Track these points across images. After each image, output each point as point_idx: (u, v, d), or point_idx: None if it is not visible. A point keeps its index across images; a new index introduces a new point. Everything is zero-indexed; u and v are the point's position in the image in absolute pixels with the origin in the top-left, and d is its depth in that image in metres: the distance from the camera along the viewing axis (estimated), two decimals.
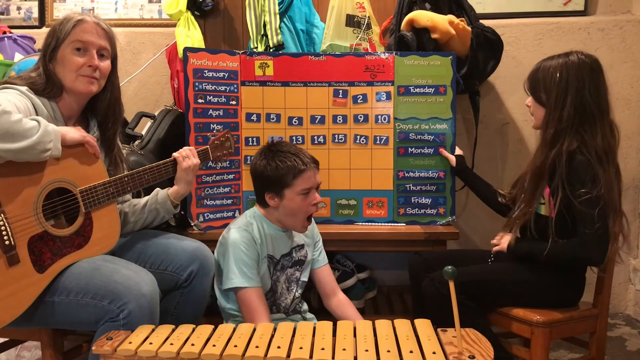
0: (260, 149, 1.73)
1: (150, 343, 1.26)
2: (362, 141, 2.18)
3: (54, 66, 1.54)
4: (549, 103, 1.67)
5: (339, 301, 1.82)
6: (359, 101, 2.18)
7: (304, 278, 1.80)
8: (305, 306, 1.82)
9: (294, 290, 1.77)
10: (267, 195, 1.68)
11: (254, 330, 1.35)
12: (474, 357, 1.19)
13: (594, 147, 1.61)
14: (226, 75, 2.14)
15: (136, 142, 2.11)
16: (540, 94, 1.70)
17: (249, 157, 2.13)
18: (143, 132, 2.15)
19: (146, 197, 1.72)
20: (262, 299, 1.63)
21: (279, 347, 1.24)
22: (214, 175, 2.11)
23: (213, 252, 1.72)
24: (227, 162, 2.11)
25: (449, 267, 1.30)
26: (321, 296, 1.84)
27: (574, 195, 1.59)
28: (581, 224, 1.59)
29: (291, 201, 1.66)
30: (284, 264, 1.74)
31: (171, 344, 1.26)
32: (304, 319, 1.78)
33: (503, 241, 1.78)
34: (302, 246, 1.79)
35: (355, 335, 1.32)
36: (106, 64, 1.59)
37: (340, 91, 2.18)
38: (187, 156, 1.71)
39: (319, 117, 2.19)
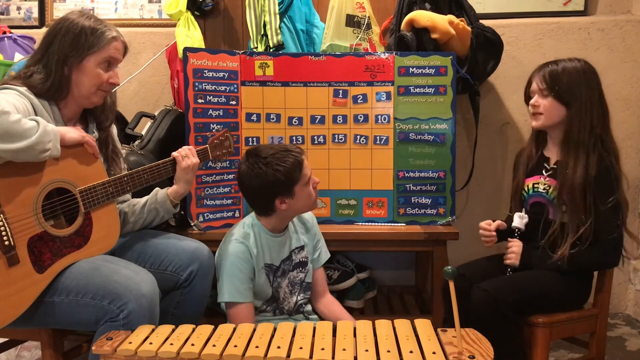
0: (249, 164, 1.64)
1: (150, 343, 1.26)
2: (362, 141, 2.18)
3: (71, 72, 1.53)
4: (575, 105, 1.69)
5: (327, 300, 1.83)
6: (359, 101, 2.18)
7: (309, 279, 1.79)
8: (309, 307, 1.81)
9: (297, 294, 1.76)
10: (278, 200, 1.63)
11: (254, 330, 1.35)
12: (474, 357, 1.19)
13: (612, 150, 1.68)
14: (226, 75, 2.14)
15: (136, 142, 2.11)
16: (563, 94, 1.71)
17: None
18: (143, 132, 2.15)
19: (146, 197, 1.72)
20: (250, 315, 1.63)
21: (279, 347, 1.24)
22: (214, 175, 2.11)
23: (213, 252, 1.72)
24: (227, 162, 2.11)
25: (449, 267, 1.31)
26: (311, 296, 1.84)
27: (602, 200, 1.62)
28: (604, 230, 1.63)
29: (301, 194, 1.65)
30: (284, 269, 1.73)
31: (171, 344, 1.26)
32: (307, 319, 1.77)
33: (513, 256, 1.72)
34: (302, 247, 1.78)
35: (355, 335, 1.32)
36: None
37: (340, 91, 2.18)
38: (186, 155, 1.71)
39: (319, 117, 2.19)
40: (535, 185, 1.78)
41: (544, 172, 1.79)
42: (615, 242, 1.64)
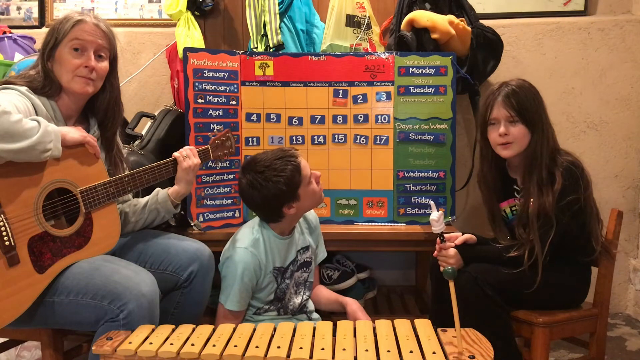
0: (248, 181, 1.63)
1: (150, 343, 1.26)
2: (362, 141, 2.18)
3: (52, 65, 1.55)
4: (538, 128, 1.68)
5: (316, 289, 1.89)
6: (359, 101, 2.18)
7: (311, 279, 1.80)
8: (311, 306, 1.82)
9: (302, 293, 1.77)
10: (286, 207, 1.63)
11: (254, 330, 1.35)
12: (474, 357, 1.19)
13: (571, 159, 1.67)
14: (226, 75, 2.14)
15: (136, 142, 2.11)
16: (530, 119, 1.68)
17: (249, 157, 2.13)
18: (143, 132, 2.15)
19: (146, 197, 1.72)
20: (238, 321, 1.65)
21: (279, 347, 1.24)
22: (214, 175, 2.11)
23: (213, 253, 1.72)
24: (227, 162, 2.11)
25: (449, 267, 1.32)
26: None
27: (558, 200, 1.61)
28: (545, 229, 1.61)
29: (306, 194, 1.65)
30: (292, 270, 1.73)
31: (171, 344, 1.26)
32: (310, 319, 1.78)
33: (452, 262, 1.66)
34: (307, 248, 1.79)
35: (355, 335, 1.32)
36: (104, 64, 1.58)
37: (340, 91, 2.18)
38: (187, 156, 1.71)
39: (319, 117, 2.19)
40: (513, 208, 1.79)
41: (515, 194, 1.78)
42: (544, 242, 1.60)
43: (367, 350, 1.23)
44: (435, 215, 1.60)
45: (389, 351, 1.22)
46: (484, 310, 1.57)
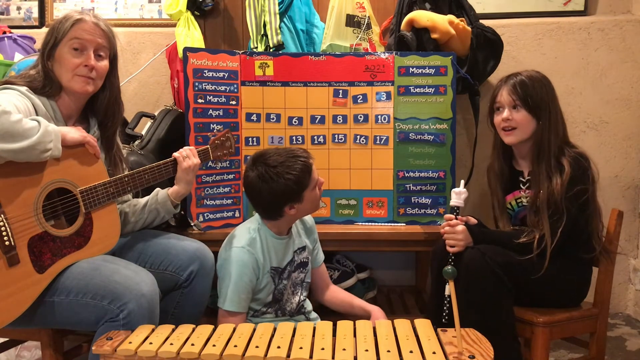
0: (259, 173, 1.60)
1: (150, 343, 1.26)
2: (362, 141, 2.18)
3: (52, 64, 1.55)
4: (545, 117, 1.70)
5: (331, 290, 1.88)
6: (359, 101, 2.18)
7: (308, 279, 1.80)
8: (309, 306, 1.81)
9: (299, 294, 1.77)
10: (288, 206, 1.63)
11: (254, 330, 1.35)
12: (474, 357, 1.19)
13: (579, 152, 1.69)
14: (226, 75, 2.14)
15: (136, 142, 2.11)
16: (535, 106, 1.70)
17: (249, 157, 2.13)
18: (143, 132, 2.16)
19: (146, 197, 1.72)
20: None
21: (279, 347, 1.24)
22: (214, 175, 2.11)
23: (213, 252, 1.72)
24: (227, 162, 2.11)
25: (449, 267, 1.32)
26: (316, 292, 1.88)
27: (567, 190, 1.62)
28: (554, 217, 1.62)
29: (309, 198, 1.65)
30: (289, 271, 1.73)
31: (171, 344, 1.26)
32: (308, 319, 1.78)
33: (461, 244, 1.67)
34: (303, 248, 1.79)
35: (355, 335, 1.32)
36: (103, 64, 1.58)
37: (340, 91, 2.18)
38: (187, 156, 1.71)
39: (319, 117, 2.19)
40: (519, 200, 1.80)
41: (521, 185, 1.80)
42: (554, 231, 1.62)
43: (367, 350, 1.23)
44: (458, 189, 1.66)
45: (389, 351, 1.22)
46: (489, 286, 1.57)
